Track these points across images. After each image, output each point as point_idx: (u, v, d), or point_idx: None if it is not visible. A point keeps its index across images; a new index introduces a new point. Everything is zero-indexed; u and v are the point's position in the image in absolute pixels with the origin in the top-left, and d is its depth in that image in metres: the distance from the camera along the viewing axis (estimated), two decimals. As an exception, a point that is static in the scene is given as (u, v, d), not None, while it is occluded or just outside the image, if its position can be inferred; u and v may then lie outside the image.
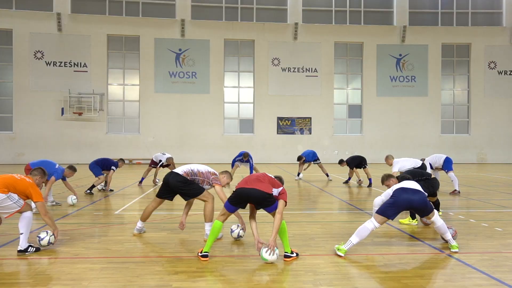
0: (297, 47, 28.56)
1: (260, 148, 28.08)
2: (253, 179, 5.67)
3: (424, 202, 5.91)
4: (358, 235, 5.80)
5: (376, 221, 5.84)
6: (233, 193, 5.64)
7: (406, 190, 5.99)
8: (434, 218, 6.03)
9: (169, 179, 6.73)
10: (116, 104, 27.79)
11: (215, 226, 5.60)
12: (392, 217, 5.89)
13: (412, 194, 5.92)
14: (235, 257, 5.69)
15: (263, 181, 5.65)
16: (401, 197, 5.90)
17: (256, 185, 5.57)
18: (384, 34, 29.04)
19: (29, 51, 26.16)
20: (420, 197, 5.91)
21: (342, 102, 29.58)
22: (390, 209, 5.88)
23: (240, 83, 28.85)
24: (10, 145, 25.76)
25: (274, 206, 5.62)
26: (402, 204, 5.89)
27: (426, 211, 5.98)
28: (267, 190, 5.57)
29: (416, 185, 6.14)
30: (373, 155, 27.72)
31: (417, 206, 5.92)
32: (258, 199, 5.55)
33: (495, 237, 6.94)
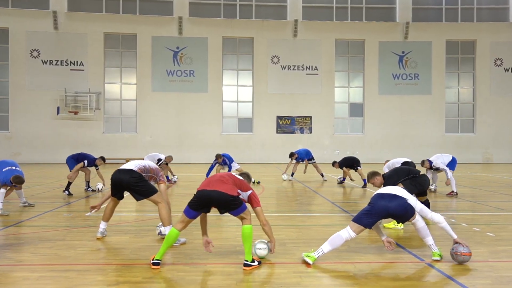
0: (297, 44, 27.99)
1: (260, 147, 27.57)
2: (215, 180, 5.18)
3: (404, 209, 5.35)
4: (330, 243, 5.28)
5: (351, 230, 5.31)
6: (193, 197, 5.14)
7: (384, 196, 5.43)
8: (415, 220, 5.48)
9: (121, 176, 6.27)
10: (113, 103, 27.44)
11: (171, 234, 5.11)
12: (369, 226, 5.36)
13: (389, 201, 5.35)
14: (190, 265, 5.19)
15: (227, 182, 5.15)
16: (378, 205, 5.35)
17: (219, 186, 5.07)
18: (387, 31, 28.36)
19: (25, 50, 25.89)
20: (399, 204, 5.36)
21: (343, 101, 28.95)
22: (366, 218, 5.33)
23: (239, 82, 28.35)
24: (7, 145, 25.52)
25: (240, 209, 5.12)
26: (379, 212, 5.33)
27: (406, 217, 5.42)
28: (231, 192, 5.08)
29: (396, 189, 5.56)
30: (375, 154, 27.13)
31: (396, 213, 5.36)
32: (221, 202, 5.05)
33: (485, 243, 6.38)
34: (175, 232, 5.12)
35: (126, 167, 6.39)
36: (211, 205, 5.12)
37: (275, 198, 11.53)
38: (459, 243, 5.33)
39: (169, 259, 5.41)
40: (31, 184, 13.19)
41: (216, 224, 7.69)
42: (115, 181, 6.28)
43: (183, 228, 5.19)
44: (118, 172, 6.33)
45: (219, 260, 5.37)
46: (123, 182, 6.22)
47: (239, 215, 5.14)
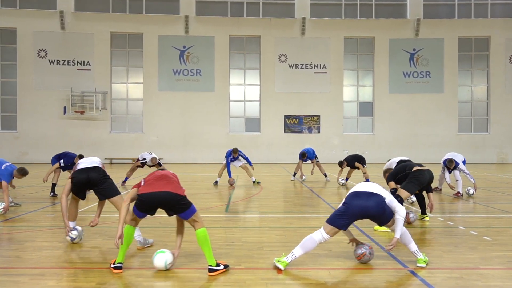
0: (305, 42, 27.53)
1: (267, 147, 27.18)
2: (160, 180, 4.84)
3: (382, 208, 4.94)
4: (302, 247, 4.90)
5: (325, 231, 4.93)
6: (138, 200, 4.79)
7: (359, 195, 5.00)
8: (393, 226, 5.06)
9: (90, 173, 6.01)
10: (119, 103, 27.38)
11: (126, 232, 4.80)
12: (343, 228, 4.98)
13: (366, 200, 4.93)
14: (153, 269, 4.87)
15: (172, 181, 4.85)
16: (353, 204, 4.92)
17: (165, 187, 4.74)
18: (397, 28, 27.70)
19: (33, 50, 25.99)
20: (376, 203, 4.94)
21: (352, 100, 28.38)
22: (340, 219, 4.93)
23: (246, 81, 28.01)
24: (14, 144, 25.64)
25: (190, 211, 4.79)
26: (355, 212, 4.92)
27: (384, 218, 5.00)
28: (179, 191, 4.76)
29: (373, 186, 5.14)
30: (385, 154, 26.35)
31: (374, 213, 4.95)
32: (170, 203, 4.72)
33: (479, 248, 5.93)
34: (131, 228, 4.82)
35: (90, 165, 6.14)
36: (158, 207, 4.81)
37: (270, 199, 11.16)
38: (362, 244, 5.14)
39: (134, 263, 5.10)
40: (25, 184, 13.06)
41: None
42: (83, 179, 6.01)
43: (136, 224, 4.90)
44: (86, 170, 6.07)
45: (185, 264, 5.04)
46: (91, 180, 5.96)
47: (190, 218, 4.81)
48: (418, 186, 7.32)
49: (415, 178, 7.27)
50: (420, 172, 7.35)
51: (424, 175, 7.34)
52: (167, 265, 4.73)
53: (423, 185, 7.42)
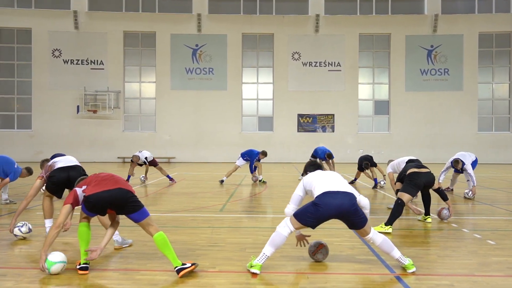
0: (319, 40, 27.04)
1: (280, 146, 26.79)
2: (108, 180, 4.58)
3: (356, 210, 4.55)
4: (272, 245, 4.56)
5: (291, 224, 4.58)
6: (86, 202, 4.50)
7: (333, 195, 4.54)
8: (371, 235, 4.67)
9: (70, 173, 5.84)
10: (132, 102, 27.42)
11: (81, 230, 4.56)
12: (313, 227, 4.64)
13: (342, 199, 4.53)
14: (120, 271, 4.61)
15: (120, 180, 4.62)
16: (326, 205, 4.46)
17: (116, 184, 4.51)
18: (414, 24, 26.95)
19: (48, 50, 26.24)
20: (351, 202, 4.56)
21: (367, 98, 27.74)
22: (311, 219, 4.54)
23: (259, 79, 27.69)
24: (29, 143, 25.93)
25: (142, 213, 4.52)
26: (329, 213, 4.51)
27: (359, 220, 4.57)
28: (129, 188, 4.55)
29: (344, 183, 4.72)
30: (401, 154, 25.52)
31: (348, 214, 4.52)
32: (121, 201, 4.45)
33: (479, 253, 5.48)
34: (84, 225, 4.57)
35: (70, 163, 5.98)
36: (109, 207, 4.52)
37: (272, 198, 10.84)
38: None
39: (104, 264, 4.85)
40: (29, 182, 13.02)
41: (188, 225, 7.11)
42: (64, 178, 5.85)
43: (89, 221, 4.65)
44: (66, 169, 5.91)
45: (156, 266, 4.77)
46: (71, 179, 5.78)
47: (144, 220, 4.52)
48: (416, 188, 6.92)
49: (410, 181, 6.90)
50: (416, 175, 6.93)
51: (419, 178, 6.91)
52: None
53: (420, 188, 7.02)
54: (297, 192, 4.82)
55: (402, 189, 6.88)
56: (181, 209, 8.79)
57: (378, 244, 4.65)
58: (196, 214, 8.27)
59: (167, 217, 7.89)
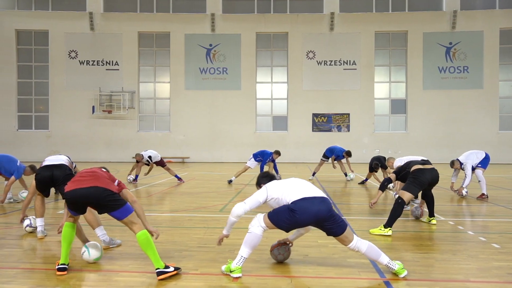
0: (334, 38, 26.67)
1: (294, 146, 26.53)
2: (86, 176, 4.45)
3: (332, 216, 4.33)
4: (247, 246, 4.37)
5: (264, 223, 4.38)
6: (65, 199, 4.46)
7: (310, 200, 4.29)
8: (354, 243, 4.42)
9: (54, 172, 5.77)
10: (147, 102, 27.56)
11: (65, 230, 4.47)
12: (287, 231, 4.45)
13: (319, 205, 4.29)
14: (99, 272, 4.49)
15: (101, 176, 4.44)
16: (304, 212, 4.23)
17: (92, 182, 4.35)
18: (432, 21, 26.31)
19: (64, 51, 26.60)
20: (328, 208, 4.34)
21: (384, 97, 27.22)
22: (286, 224, 4.31)
23: (273, 78, 27.48)
24: (47, 143, 26.32)
25: (123, 210, 4.37)
26: (308, 221, 4.29)
27: (337, 226, 4.34)
28: (109, 186, 4.36)
29: (317, 189, 4.50)
30: (419, 154, 24.95)
31: (326, 221, 4.31)
32: (98, 199, 4.31)
33: (480, 257, 5.17)
34: (69, 225, 4.47)
35: (55, 162, 5.91)
36: (87, 205, 4.41)
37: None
38: None
39: (84, 264, 4.74)
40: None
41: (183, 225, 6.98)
42: (47, 177, 5.79)
43: (75, 221, 4.54)
44: (51, 167, 5.85)
45: (138, 268, 4.64)
46: (54, 178, 5.72)
47: (126, 218, 4.38)
48: (419, 186, 6.62)
49: (415, 178, 6.58)
50: (421, 172, 6.61)
51: (424, 175, 6.60)
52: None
53: (424, 186, 6.70)
54: (257, 198, 4.43)
55: (404, 187, 6.57)
56: (181, 209, 8.68)
57: (364, 252, 4.41)
58: (194, 214, 8.14)
59: (164, 217, 7.78)
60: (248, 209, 4.40)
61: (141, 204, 5.06)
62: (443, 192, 11.43)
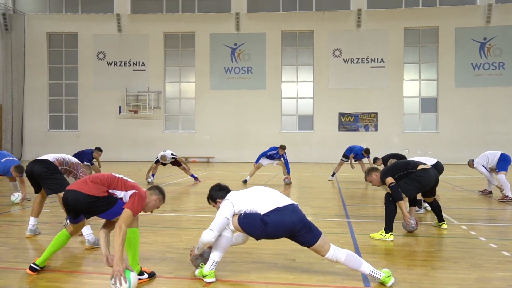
0: (361, 35, 25.99)
1: (320, 146, 26.04)
2: (81, 180, 4.27)
3: (306, 225, 4.07)
4: (218, 248, 4.14)
5: (233, 225, 4.15)
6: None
7: (282, 211, 4.03)
8: (332, 252, 4.10)
9: (34, 166, 5.70)
10: (173, 102, 27.75)
11: (59, 237, 4.36)
12: (257, 239, 4.20)
13: (291, 214, 4.03)
14: (73, 273, 4.37)
15: (94, 181, 4.17)
16: (278, 224, 3.99)
17: (78, 186, 4.14)
18: (465, 16, 25.20)
19: (93, 53, 27.14)
20: (301, 218, 4.07)
21: (413, 95, 26.29)
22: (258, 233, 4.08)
23: (298, 77, 27.07)
24: (76, 143, 26.80)
25: (111, 211, 4.15)
26: (277, 233, 4.05)
27: (311, 235, 4.08)
28: (92, 191, 4.08)
29: (284, 197, 4.22)
30: (451, 154, 24.29)
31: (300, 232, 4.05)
32: (79, 204, 4.10)
33: (484, 266, 4.73)
34: (65, 234, 4.36)
35: (42, 157, 5.84)
36: (75, 210, 4.19)
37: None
38: None
39: (62, 264, 4.63)
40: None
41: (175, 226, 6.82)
42: (28, 172, 5.74)
43: (73, 232, 4.42)
44: (33, 162, 5.81)
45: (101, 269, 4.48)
46: (34, 173, 5.66)
47: (115, 218, 4.18)
48: (419, 189, 6.15)
49: (417, 180, 6.07)
50: (426, 172, 6.15)
51: (429, 176, 6.14)
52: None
53: (425, 188, 6.23)
54: (224, 216, 4.09)
55: (400, 186, 6.01)
56: (184, 209, 8.55)
57: (343, 262, 4.10)
58: (196, 214, 7.98)
59: (164, 217, 7.65)
60: (218, 234, 4.09)
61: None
62: (466, 194, 10.83)
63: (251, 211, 4.10)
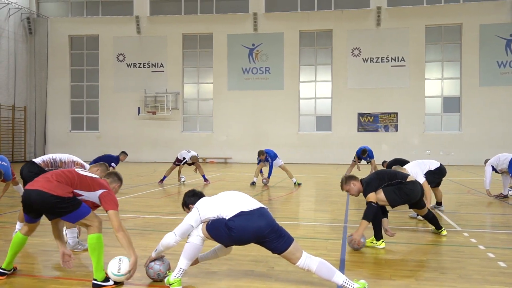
0: (381, 34, 25.44)
1: (339, 147, 25.62)
2: (43, 177, 4.18)
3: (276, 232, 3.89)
4: (186, 256, 4.01)
5: (203, 234, 4.01)
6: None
7: (248, 216, 3.87)
8: (303, 260, 3.92)
9: (22, 170, 5.73)
10: (191, 103, 27.87)
11: (15, 239, 4.30)
12: (226, 246, 4.10)
13: (258, 220, 3.87)
14: (39, 277, 4.32)
15: (58, 180, 4.06)
16: (240, 229, 3.84)
17: (41, 185, 4.03)
18: (489, 12, 24.32)
19: (113, 55, 27.55)
20: (269, 223, 3.89)
21: (435, 95, 25.55)
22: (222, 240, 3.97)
23: (317, 77, 26.73)
24: (97, 144, 27.31)
25: (75, 214, 4.05)
26: (242, 239, 3.90)
27: (280, 242, 3.90)
28: (56, 191, 3.96)
29: (252, 201, 4.06)
30: (475, 155, 23.43)
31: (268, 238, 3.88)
32: (42, 204, 3.99)
33: (474, 278, 4.45)
34: (20, 236, 4.30)
35: (33, 159, 5.90)
36: (36, 209, 4.08)
37: (287, 202, 10.14)
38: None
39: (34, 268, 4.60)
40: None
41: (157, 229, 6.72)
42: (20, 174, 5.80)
43: (28, 233, 4.33)
44: (24, 165, 5.86)
45: (83, 275, 4.42)
46: (22, 176, 5.69)
47: (79, 221, 4.10)
48: (404, 201, 5.80)
49: (406, 192, 5.70)
50: (415, 185, 5.82)
51: (417, 189, 5.83)
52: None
53: (410, 202, 5.90)
54: (188, 222, 4.01)
55: (385, 191, 5.63)
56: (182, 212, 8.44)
57: (315, 270, 3.90)
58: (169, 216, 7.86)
59: (157, 220, 7.59)
60: (180, 239, 4.02)
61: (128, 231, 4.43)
62: (479, 198, 10.39)
63: (218, 217, 3.97)
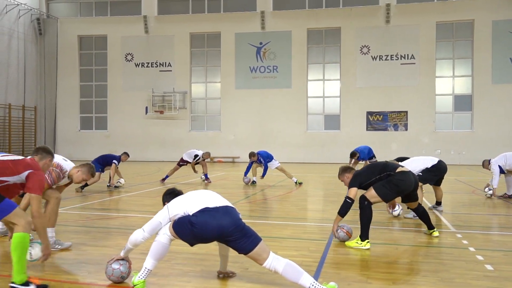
0: (390, 31, 25.04)
1: (347, 146, 25.06)
2: None
3: (241, 231, 3.75)
4: (153, 255, 3.88)
5: (170, 233, 3.87)
6: None
7: (211, 212, 3.76)
8: (270, 261, 3.75)
9: None
10: (198, 102, 27.83)
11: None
12: (191, 245, 3.95)
13: (221, 217, 3.73)
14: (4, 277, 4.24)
15: None
16: (202, 225, 3.71)
17: None
18: (502, 8, 23.73)
19: (121, 54, 27.67)
20: (234, 222, 3.74)
21: (446, 93, 25.05)
22: (186, 237, 3.82)
23: (325, 76, 26.44)
24: (105, 143, 27.47)
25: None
26: (204, 235, 3.75)
27: (245, 241, 3.75)
28: None
29: (222, 199, 3.95)
30: (488, 155, 22.60)
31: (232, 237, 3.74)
32: None
33: (454, 281, 4.24)
34: None
35: None
36: None
37: (283, 202, 9.97)
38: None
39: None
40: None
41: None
42: None
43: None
44: None
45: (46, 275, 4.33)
46: None
47: (3, 219, 3.79)
48: (397, 193, 5.65)
49: (395, 183, 5.56)
50: (405, 175, 5.63)
51: (409, 180, 5.63)
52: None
53: (403, 193, 5.72)
54: (157, 219, 3.93)
55: (376, 188, 5.52)
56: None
57: (281, 272, 3.74)
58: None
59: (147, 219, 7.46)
60: (148, 236, 3.92)
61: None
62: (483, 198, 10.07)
63: (185, 214, 3.86)
